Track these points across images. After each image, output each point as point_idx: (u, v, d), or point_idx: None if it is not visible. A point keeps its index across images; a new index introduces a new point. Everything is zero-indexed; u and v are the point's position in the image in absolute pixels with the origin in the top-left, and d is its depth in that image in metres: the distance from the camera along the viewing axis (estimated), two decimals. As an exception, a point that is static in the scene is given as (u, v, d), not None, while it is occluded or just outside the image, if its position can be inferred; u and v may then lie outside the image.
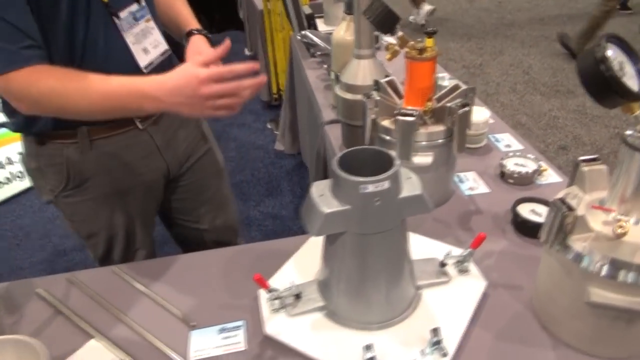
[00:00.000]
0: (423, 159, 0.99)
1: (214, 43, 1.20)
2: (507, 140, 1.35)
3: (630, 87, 0.58)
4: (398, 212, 0.72)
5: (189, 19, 1.19)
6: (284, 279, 0.88)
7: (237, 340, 0.81)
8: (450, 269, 0.88)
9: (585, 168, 0.75)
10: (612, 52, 0.60)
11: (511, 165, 1.16)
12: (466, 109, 0.96)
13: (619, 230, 0.63)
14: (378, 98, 1.01)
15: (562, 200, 0.68)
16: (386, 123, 1.02)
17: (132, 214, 1.20)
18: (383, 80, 1.08)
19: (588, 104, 3.49)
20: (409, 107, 0.98)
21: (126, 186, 1.16)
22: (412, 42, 0.97)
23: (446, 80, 1.38)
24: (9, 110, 0.99)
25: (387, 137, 1.02)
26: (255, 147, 3.01)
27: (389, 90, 1.08)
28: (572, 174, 0.78)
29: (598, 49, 0.58)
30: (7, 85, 0.86)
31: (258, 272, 0.79)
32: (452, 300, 0.83)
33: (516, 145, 1.33)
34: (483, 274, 0.88)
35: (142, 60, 1.04)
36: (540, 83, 3.84)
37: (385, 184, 0.68)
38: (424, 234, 0.99)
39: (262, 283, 0.80)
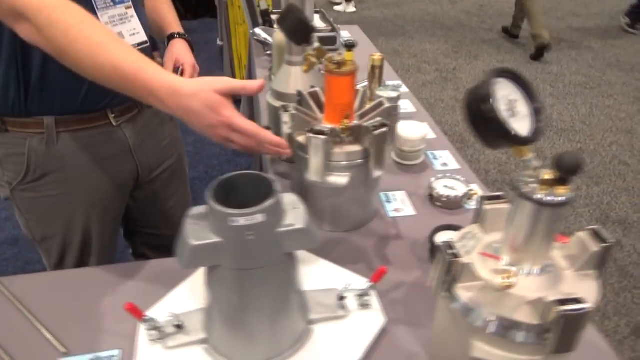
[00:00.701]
0: (338, 179, 0.93)
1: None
2: (445, 158, 1.30)
3: (513, 131, 0.52)
4: (277, 246, 0.66)
5: (172, 23, 1.17)
6: (174, 303, 0.82)
7: (109, 372, 0.74)
8: (351, 302, 0.82)
9: (487, 206, 0.69)
10: (502, 89, 0.54)
11: (440, 187, 1.11)
12: (384, 129, 0.90)
13: (504, 283, 0.58)
14: (294, 112, 0.95)
15: (450, 245, 0.62)
16: (302, 139, 0.95)
17: (92, 219, 1.11)
18: (306, 92, 1.01)
19: (555, 116, 3.47)
20: (324, 125, 0.92)
21: (89, 187, 1.07)
22: (330, 55, 0.90)
23: (387, 90, 1.32)
24: None
25: (304, 155, 0.95)
26: (213, 142, 2.90)
27: (312, 103, 1.01)
28: (477, 211, 0.72)
29: (483, 85, 0.52)
30: None
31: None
32: (345, 338, 0.77)
33: (453, 164, 1.27)
34: (385, 309, 0.82)
35: None
36: (511, 92, 3.81)
37: (259, 217, 0.61)
38: (335, 259, 0.93)
39: (135, 313, 0.73)
